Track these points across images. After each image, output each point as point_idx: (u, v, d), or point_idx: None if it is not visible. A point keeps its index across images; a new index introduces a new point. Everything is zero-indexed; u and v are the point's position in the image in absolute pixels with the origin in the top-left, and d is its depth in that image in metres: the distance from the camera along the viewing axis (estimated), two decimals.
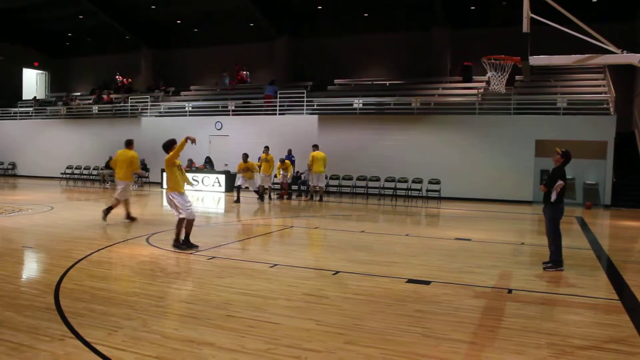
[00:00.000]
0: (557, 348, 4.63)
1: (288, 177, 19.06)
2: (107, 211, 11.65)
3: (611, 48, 7.63)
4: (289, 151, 20.26)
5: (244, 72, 28.48)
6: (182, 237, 8.85)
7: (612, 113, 18.26)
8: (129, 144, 12.27)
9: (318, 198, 18.50)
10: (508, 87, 17.82)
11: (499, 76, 9.01)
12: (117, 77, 31.87)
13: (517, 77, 21.45)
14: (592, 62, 8.06)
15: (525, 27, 7.67)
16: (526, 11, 7.67)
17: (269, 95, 24.11)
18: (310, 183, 18.81)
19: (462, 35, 24.74)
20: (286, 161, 19.02)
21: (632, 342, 4.87)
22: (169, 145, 9.10)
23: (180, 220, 8.78)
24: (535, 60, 7.77)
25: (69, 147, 26.86)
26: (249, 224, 12.98)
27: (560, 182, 7.68)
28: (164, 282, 6.69)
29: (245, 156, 17.37)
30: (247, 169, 17.23)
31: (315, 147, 18.63)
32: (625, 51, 7.64)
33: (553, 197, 7.72)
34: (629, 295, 6.62)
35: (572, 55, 7.84)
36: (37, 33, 32.86)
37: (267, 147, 18.63)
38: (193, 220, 8.94)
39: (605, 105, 18.82)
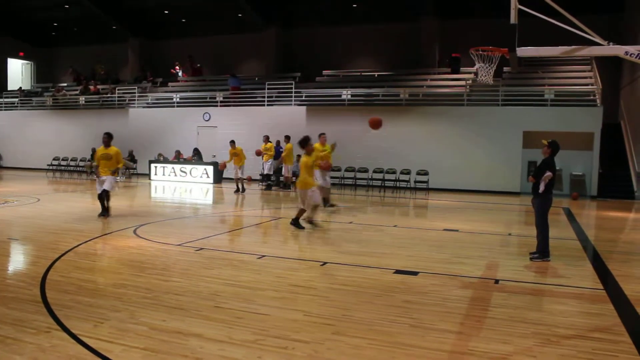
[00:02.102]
0: (542, 337, 4.68)
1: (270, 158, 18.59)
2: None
3: (598, 40, 7.68)
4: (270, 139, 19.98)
5: (198, 65, 28.65)
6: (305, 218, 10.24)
7: (598, 104, 18.37)
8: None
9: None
10: (496, 79, 17.96)
11: (487, 67, 9.07)
12: (70, 68, 31.56)
13: (505, 69, 21.57)
14: (579, 54, 8.11)
15: (513, 19, 7.69)
16: (514, 2, 7.69)
17: (235, 87, 24.18)
18: (286, 174, 18.79)
19: (451, 26, 24.74)
20: (269, 143, 18.83)
21: (616, 330, 4.94)
22: (304, 143, 10.17)
23: (302, 210, 10.19)
24: (523, 51, 7.81)
25: (56, 138, 26.54)
26: (237, 216, 12.95)
27: (548, 174, 7.72)
28: (152, 274, 6.66)
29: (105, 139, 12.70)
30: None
31: (288, 138, 18.58)
32: (611, 43, 7.70)
33: (541, 188, 7.78)
34: (614, 285, 6.70)
35: (559, 47, 7.88)
36: (23, 22, 32.31)
37: (232, 142, 18.03)
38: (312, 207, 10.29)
39: (592, 97, 18.94)
